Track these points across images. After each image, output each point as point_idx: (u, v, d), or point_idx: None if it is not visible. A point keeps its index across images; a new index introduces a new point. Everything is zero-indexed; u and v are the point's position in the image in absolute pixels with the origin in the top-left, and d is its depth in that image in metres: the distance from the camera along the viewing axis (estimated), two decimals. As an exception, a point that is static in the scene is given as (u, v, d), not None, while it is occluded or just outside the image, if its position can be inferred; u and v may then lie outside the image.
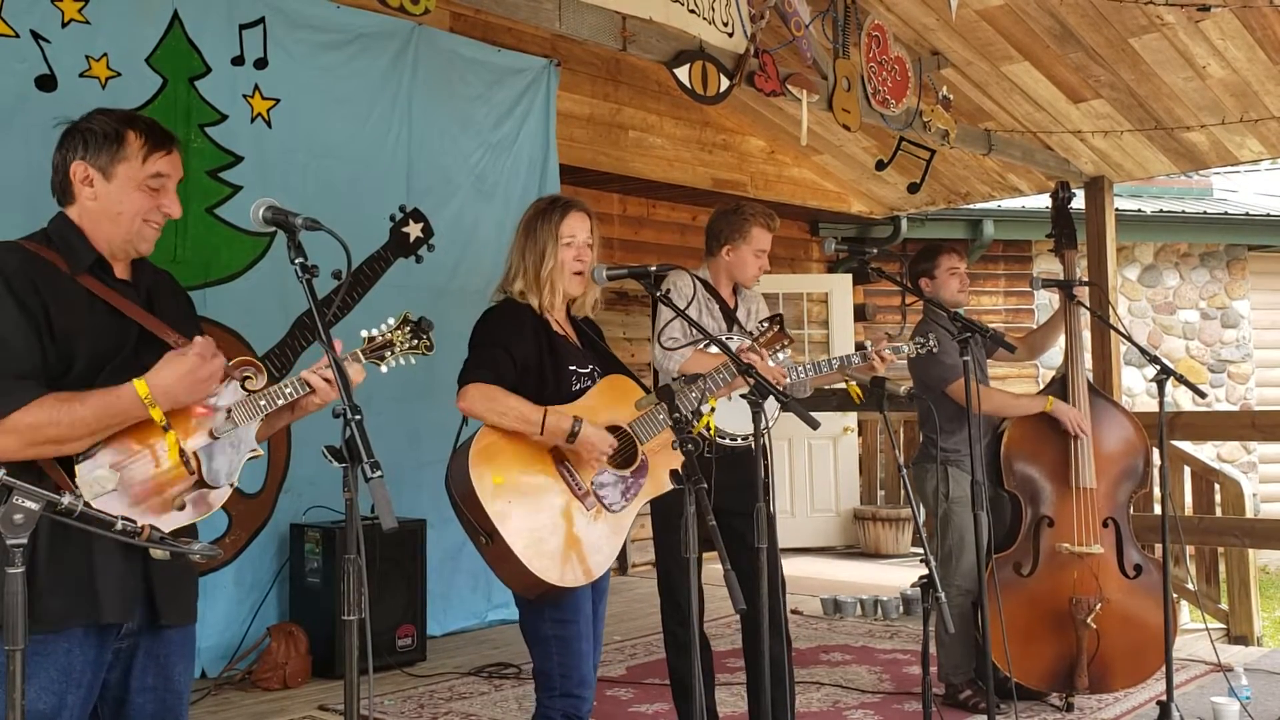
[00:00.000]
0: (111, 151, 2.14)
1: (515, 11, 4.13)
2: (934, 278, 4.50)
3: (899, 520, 8.52)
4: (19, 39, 4.39)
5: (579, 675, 2.78)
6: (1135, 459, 4.46)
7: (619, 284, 7.45)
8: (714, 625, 5.80)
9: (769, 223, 3.87)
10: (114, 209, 2.15)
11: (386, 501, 1.82)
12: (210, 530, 4.95)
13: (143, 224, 2.18)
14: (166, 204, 2.20)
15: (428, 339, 2.38)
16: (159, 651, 2.19)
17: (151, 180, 2.17)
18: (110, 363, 2.09)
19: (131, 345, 2.14)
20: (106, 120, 2.17)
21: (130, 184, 2.16)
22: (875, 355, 3.67)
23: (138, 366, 2.08)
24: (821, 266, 9.50)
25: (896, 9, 5.55)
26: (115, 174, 2.15)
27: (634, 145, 7.23)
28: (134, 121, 2.19)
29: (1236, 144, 6.34)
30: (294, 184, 5.21)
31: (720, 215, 3.94)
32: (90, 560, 2.03)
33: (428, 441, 5.40)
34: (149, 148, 2.17)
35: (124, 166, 2.15)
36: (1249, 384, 10.64)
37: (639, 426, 2.88)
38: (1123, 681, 4.39)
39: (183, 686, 2.25)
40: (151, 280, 2.29)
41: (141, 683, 2.16)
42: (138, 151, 2.16)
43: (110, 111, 2.20)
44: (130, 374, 2.05)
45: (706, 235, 3.96)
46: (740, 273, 3.89)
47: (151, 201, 2.18)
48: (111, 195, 2.15)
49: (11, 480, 1.66)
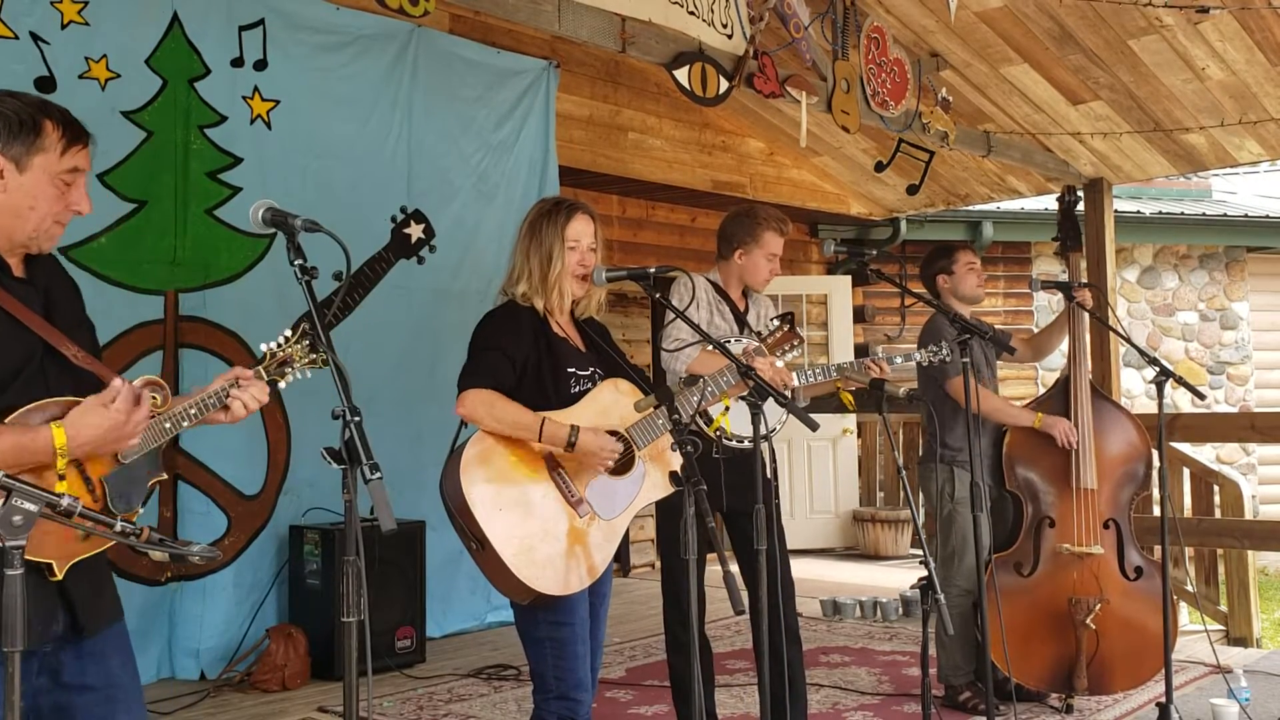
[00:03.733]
0: (28, 141, 1.97)
1: (514, 13, 4.14)
2: (952, 273, 4.52)
3: (898, 522, 8.52)
4: (18, 40, 4.39)
5: (575, 678, 2.77)
6: (1137, 461, 4.47)
7: (618, 286, 7.45)
8: (714, 627, 5.80)
9: (782, 228, 3.86)
10: (25, 204, 1.98)
11: (386, 503, 1.82)
12: (210, 532, 4.95)
13: (53, 223, 2.04)
14: (76, 201, 2.05)
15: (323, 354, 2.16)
16: (93, 650, 2.09)
17: (66, 175, 2.02)
18: (17, 377, 1.96)
19: (39, 358, 2.01)
20: (21, 106, 1.99)
21: (45, 178, 1.99)
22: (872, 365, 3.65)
23: (43, 383, 1.98)
24: (821, 268, 9.50)
25: (896, 11, 5.56)
26: (30, 165, 1.98)
27: (633, 147, 7.23)
28: (50, 109, 2.02)
29: (1235, 146, 6.35)
30: (294, 185, 5.21)
31: (733, 218, 3.92)
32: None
33: (428, 443, 5.39)
34: (67, 140, 2.02)
35: (40, 159, 1.98)
36: (1248, 386, 10.64)
37: (636, 431, 2.87)
38: (1122, 683, 4.39)
39: (128, 678, 2.15)
40: (48, 275, 2.13)
41: (80, 684, 2.06)
42: (56, 143, 2.00)
43: (20, 95, 2.02)
44: (37, 389, 1.96)
45: (719, 238, 3.95)
46: (752, 277, 3.89)
47: (62, 200, 2.03)
48: (24, 189, 1.98)
49: (10, 481, 1.66)
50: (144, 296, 4.82)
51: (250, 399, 2.11)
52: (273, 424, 5.17)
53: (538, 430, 2.72)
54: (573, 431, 2.73)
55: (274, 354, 2.18)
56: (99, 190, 4.64)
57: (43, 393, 1.99)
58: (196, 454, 4.94)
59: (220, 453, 4.98)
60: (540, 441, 2.72)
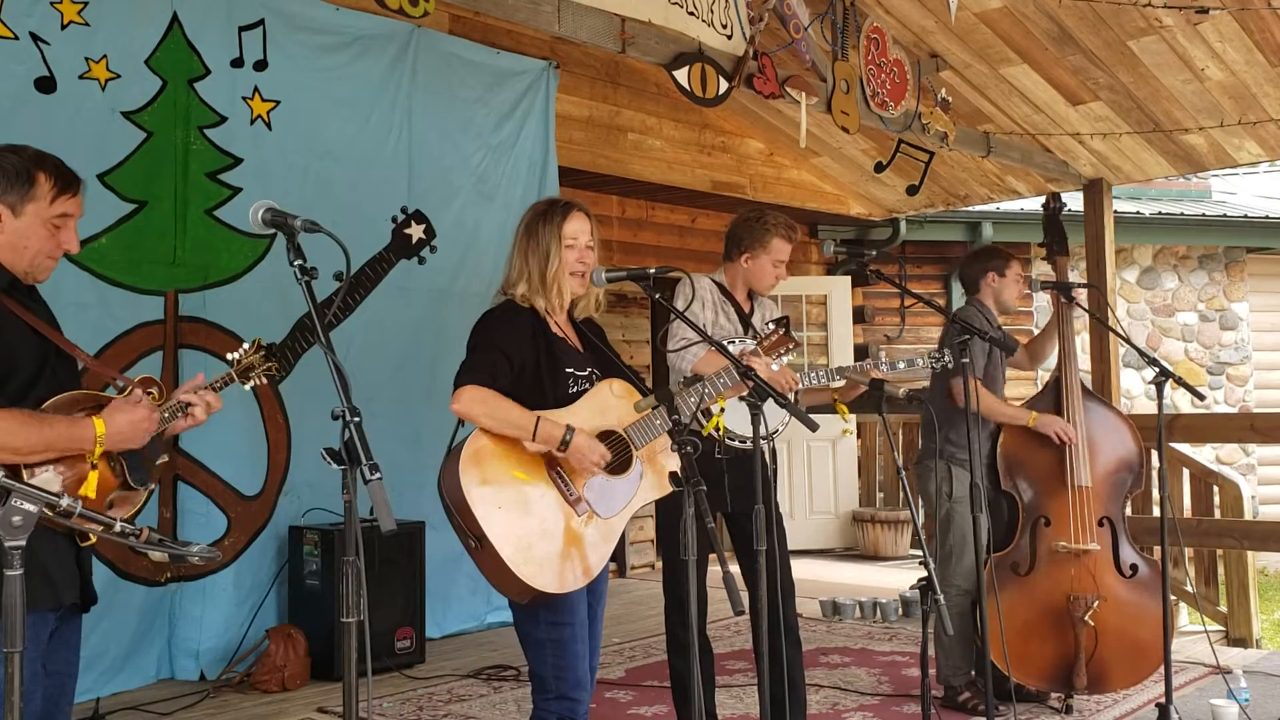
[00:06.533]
0: (22, 191, 2.30)
1: (514, 14, 4.14)
2: (1004, 276, 4.57)
3: (898, 522, 8.53)
4: (18, 41, 4.39)
5: (574, 678, 2.78)
6: (1130, 459, 4.50)
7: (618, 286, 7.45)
8: (714, 627, 5.81)
9: (790, 234, 3.87)
10: (20, 243, 2.31)
11: (385, 503, 1.82)
12: (209, 532, 4.95)
13: (45, 258, 2.36)
14: (67, 241, 2.38)
15: (276, 361, 2.66)
16: (69, 636, 2.36)
17: (56, 219, 2.34)
18: (40, 378, 2.29)
19: (51, 362, 2.34)
20: (18, 160, 2.32)
21: (37, 222, 2.32)
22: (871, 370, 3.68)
23: (55, 383, 2.30)
24: (820, 269, 9.50)
25: (895, 11, 5.56)
26: (24, 212, 2.31)
27: (633, 147, 7.23)
28: (44, 163, 2.34)
29: (1235, 146, 6.35)
30: (294, 186, 5.21)
31: (742, 223, 3.92)
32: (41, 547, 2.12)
33: (428, 444, 5.40)
34: (57, 190, 2.33)
35: (33, 206, 2.31)
36: (1247, 386, 10.64)
37: (635, 431, 2.87)
38: (1121, 682, 4.40)
39: (75, 669, 2.43)
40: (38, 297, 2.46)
41: (53, 665, 2.31)
42: (47, 193, 2.32)
43: (20, 150, 2.35)
44: (51, 388, 2.28)
45: (726, 241, 3.95)
46: (757, 281, 3.90)
47: (53, 240, 2.35)
48: (19, 231, 2.31)
49: (10, 482, 1.67)
50: (144, 297, 4.82)
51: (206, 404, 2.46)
52: (273, 425, 5.17)
53: (532, 430, 2.72)
54: (568, 432, 2.73)
55: (238, 361, 2.59)
56: (99, 190, 4.64)
57: (57, 390, 2.29)
58: (196, 455, 4.94)
59: (220, 453, 4.98)
60: (535, 441, 2.73)
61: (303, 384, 5.13)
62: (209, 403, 2.45)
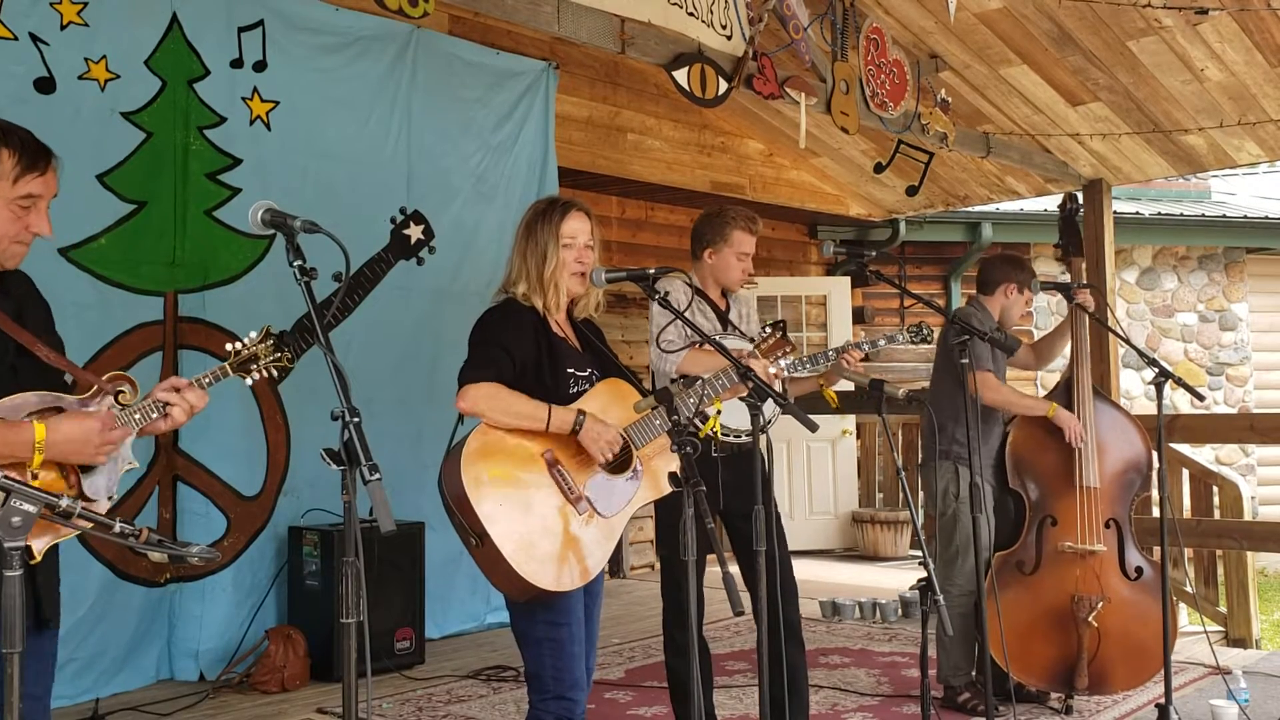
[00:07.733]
0: None
1: (514, 14, 4.14)
2: (1020, 293, 4.54)
3: (897, 523, 8.52)
4: (17, 41, 4.39)
5: (572, 678, 2.77)
6: (1139, 463, 4.49)
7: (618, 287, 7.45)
8: (713, 628, 5.80)
9: (750, 225, 3.86)
10: None
11: (385, 504, 1.82)
12: (209, 533, 4.95)
13: (12, 243, 2.12)
14: (35, 224, 2.12)
15: (288, 353, 2.37)
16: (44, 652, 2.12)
17: (21, 201, 2.09)
18: None
19: (10, 360, 2.10)
20: None
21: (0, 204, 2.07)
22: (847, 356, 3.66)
23: (14, 381, 2.07)
24: (820, 269, 9.50)
25: (895, 12, 5.56)
26: None
27: (632, 148, 7.23)
28: (9, 137, 2.09)
29: (1234, 147, 6.35)
30: (293, 186, 5.20)
31: (702, 219, 3.95)
32: None
33: (428, 444, 5.39)
34: (21, 168, 2.08)
35: None
36: (1247, 387, 10.64)
37: (635, 431, 2.87)
38: (1122, 683, 4.39)
39: (50, 684, 2.19)
40: (21, 288, 2.22)
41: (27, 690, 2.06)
42: (9, 171, 2.07)
43: None
44: (9, 386, 2.05)
45: (691, 239, 3.98)
46: (724, 276, 3.88)
47: (20, 224, 2.10)
48: None
49: (9, 482, 1.66)
50: (144, 297, 4.82)
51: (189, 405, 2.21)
52: (272, 425, 5.17)
53: (545, 418, 2.72)
54: (580, 414, 2.75)
55: (238, 352, 2.31)
56: (99, 191, 4.64)
57: (14, 390, 2.07)
58: (196, 455, 4.94)
59: (219, 453, 4.98)
60: (549, 429, 2.72)
61: (302, 384, 5.13)
62: (191, 402, 2.20)
